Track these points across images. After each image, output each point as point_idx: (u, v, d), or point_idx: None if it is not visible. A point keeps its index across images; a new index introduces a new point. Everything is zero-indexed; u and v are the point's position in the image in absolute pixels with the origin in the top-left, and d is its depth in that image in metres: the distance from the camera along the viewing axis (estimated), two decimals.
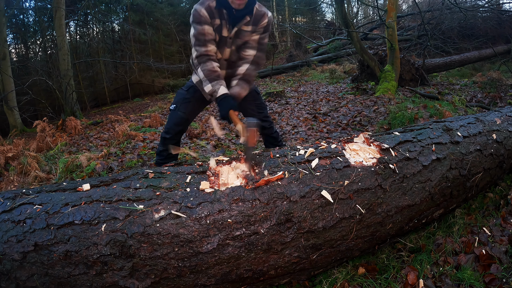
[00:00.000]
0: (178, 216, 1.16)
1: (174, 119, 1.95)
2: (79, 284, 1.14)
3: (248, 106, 2.06)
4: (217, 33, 1.79)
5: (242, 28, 1.81)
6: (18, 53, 14.02)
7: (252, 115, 2.07)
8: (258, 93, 2.11)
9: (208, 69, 1.73)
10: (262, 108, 2.11)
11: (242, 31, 1.82)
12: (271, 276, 1.30)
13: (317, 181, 1.29)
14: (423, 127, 1.75)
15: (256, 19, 1.82)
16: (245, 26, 1.81)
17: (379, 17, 8.04)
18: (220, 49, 1.85)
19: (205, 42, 1.74)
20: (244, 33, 1.83)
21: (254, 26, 1.83)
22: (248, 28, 1.82)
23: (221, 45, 1.84)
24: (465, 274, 1.36)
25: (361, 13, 19.46)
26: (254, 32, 1.85)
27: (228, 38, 1.82)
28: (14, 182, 3.06)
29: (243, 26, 1.81)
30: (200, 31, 1.74)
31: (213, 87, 1.71)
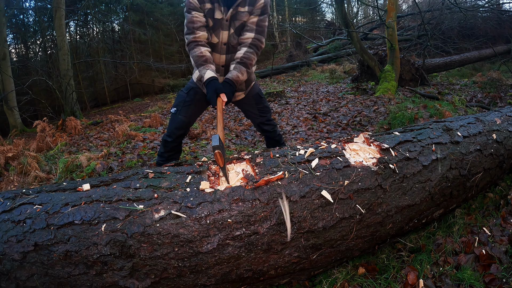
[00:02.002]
0: (178, 216, 1.16)
1: (175, 123, 1.94)
2: (79, 284, 1.14)
3: (250, 109, 2.05)
4: (209, 16, 1.79)
5: (238, 9, 1.79)
6: (18, 53, 14.02)
7: (253, 118, 2.08)
8: (261, 96, 2.08)
9: (196, 55, 1.74)
10: (265, 112, 2.09)
11: (238, 12, 1.79)
12: (271, 276, 1.30)
13: (317, 181, 1.29)
14: (423, 127, 1.75)
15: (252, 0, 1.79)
16: (241, 7, 1.79)
17: (379, 17, 8.04)
18: (215, 32, 1.83)
19: (193, 29, 1.75)
20: (241, 14, 1.80)
21: (250, 6, 1.79)
22: (244, 9, 1.79)
23: (216, 28, 1.82)
24: (465, 274, 1.36)
25: (361, 13, 19.46)
26: (252, 14, 1.81)
27: (224, 20, 1.80)
28: (14, 182, 3.06)
29: (239, 8, 1.78)
30: (189, 19, 1.76)
31: (200, 73, 1.71)
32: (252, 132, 4.20)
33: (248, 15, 1.81)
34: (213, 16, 1.79)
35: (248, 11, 1.80)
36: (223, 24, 1.81)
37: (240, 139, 3.93)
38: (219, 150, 1.24)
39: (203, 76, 1.69)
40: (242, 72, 1.80)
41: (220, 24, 1.81)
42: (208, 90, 1.67)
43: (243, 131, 4.31)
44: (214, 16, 1.79)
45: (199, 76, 1.72)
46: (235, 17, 1.81)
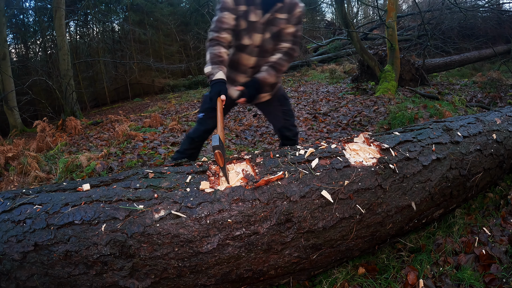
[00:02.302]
0: (178, 216, 1.16)
1: (205, 126, 1.97)
2: (79, 284, 1.14)
3: (274, 112, 2.03)
4: (244, 19, 1.79)
5: (276, 15, 1.80)
6: (18, 53, 14.01)
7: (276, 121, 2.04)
8: (286, 98, 2.07)
9: (214, 53, 1.74)
10: (289, 116, 2.06)
11: (276, 18, 1.81)
12: (271, 276, 1.30)
13: (317, 181, 1.29)
14: (423, 127, 1.75)
15: (290, 7, 1.81)
16: (279, 14, 1.80)
17: (379, 17, 8.04)
18: (248, 34, 1.84)
19: (220, 29, 1.76)
20: (279, 20, 1.81)
21: (288, 14, 1.81)
22: (282, 16, 1.81)
23: (250, 30, 1.83)
24: (465, 274, 1.36)
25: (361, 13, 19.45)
26: (289, 23, 1.83)
27: (259, 23, 1.80)
28: (14, 182, 3.06)
29: (276, 14, 1.80)
30: (219, 17, 1.77)
31: (212, 70, 1.70)
32: (252, 132, 4.20)
33: (285, 22, 1.83)
34: (248, 18, 1.80)
35: (286, 18, 1.82)
36: (257, 27, 1.82)
37: (240, 139, 3.93)
38: (219, 150, 1.24)
39: (213, 74, 1.69)
40: (271, 75, 1.83)
41: (254, 27, 1.82)
42: (212, 89, 1.67)
43: (243, 131, 4.31)
44: (249, 18, 1.80)
45: (209, 72, 1.72)
46: (272, 23, 1.82)
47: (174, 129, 4.59)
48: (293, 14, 1.83)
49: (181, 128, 4.62)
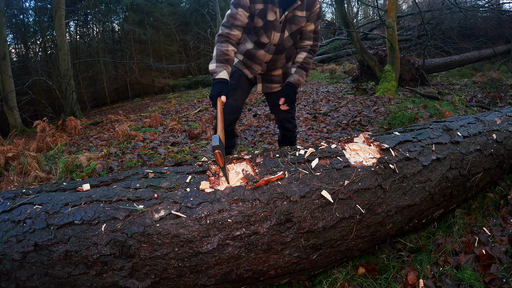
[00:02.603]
0: (178, 216, 1.16)
1: (227, 109, 1.93)
2: (79, 284, 1.14)
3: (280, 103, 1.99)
4: (260, 17, 1.77)
5: (295, 13, 1.78)
6: (18, 53, 14.01)
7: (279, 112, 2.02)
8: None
9: (221, 50, 1.72)
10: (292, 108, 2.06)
11: (296, 16, 1.79)
12: (271, 276, 1.30)
13: (317, 181, 1.29)
14: (423, 127, 1.75)
15: (309, 4, 1.78)
16: (298, 11, 1.78)
17: (379, 17, 8.04)
18: (266, 33, 1.82)
19: (231, 25, 1.74)
20: (299, 18, 1.80)
21: (307, 11, 1.79)
22: (302, 13, 1.79)
23: (268, 29, 1.81)
24: (465, 274, 1.36)
25: (361, 13, 19.44)
26: (309, 20, 1.82)
27: (278, 22, 1.78)
28: (14, 182, 3.06)
29: (296, 11, 1.77)
30: (233, 14, 1.74)
31: (216, 68, 1.69)
32: (252, 132, 4.20)
33: (305, 20, 1.82)
34: (265, 17, 1.77)
35: (305, 16, 1.80)
36: (276, 26, 1.80)
37: (240, 139, 3.93)
38: (219, 150, 1.24)
39: (217, 73, 1.68)
40: (302, 76, 1.88)
41: (273, 25, 1.80)
42: (213, 89, 1.66)
43: (243, 131, 4.31)
44: (266, 18, 1.77)
45: (213, 70, 1.71)
46: (292, 21, 1.80)
47: (174, 129, 4.59)
48: (313, 11, 1.81)
49: (181, 128, 4.63)
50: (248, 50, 1.94)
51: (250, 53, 1.95)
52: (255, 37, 1.88)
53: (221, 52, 1.72)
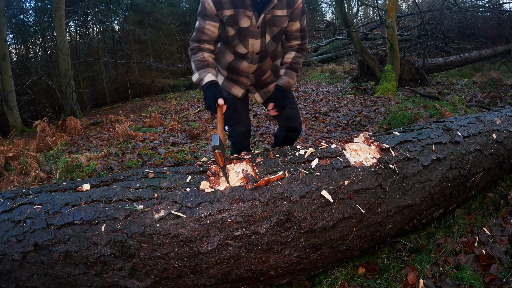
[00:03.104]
0: (178, 216, 1.16)
1: (238, 138, 1.88)
2: (79, 284, 1.14)
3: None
4: (230, 25, 1.56)
5: (274, 13, 1.56)
6: (18, 53, 14.01)
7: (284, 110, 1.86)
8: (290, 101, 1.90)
9: (198, 59, 1.57)
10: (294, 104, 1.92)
11: (276, 17, 1.57)
12: (271, 276, 1.30)
13: (317, 181, 1.29)
14: (423, 127, 1.75)
15: (289, 0, 1.57)
16: (278, 10, 1.56)
17: (379, 17, 8.04)
18: (242, 42, 1.62)
19: (200, 40, 1.58)
20: (280, 18, 1.58)
21: (289, 9, 1.58)
22: (282, 12, 1.57)
23: (243, 37, 1.60)
24: (465, 274, 1.36)
25: (361, 13, 19.45)
26: (292, 19, 1.62)
27: (255, 28, 1.57)
28: (14, 182, 3.06)
29: (274, 11, 1.56)
30: (200, 27, 1.56)
31: (200, 75, 1.53)
32: (252, 132, 4.20)
33: (287, 20, 1.61)
34: (236, 23, 1.56)
35: (287, 15, 1.60)
36: (253, 32, 1.59)
37: None
38: (219, 150, 1.24)
39: (203, 79, 1.52)
40: (293, 77, 1.74)
41: (249, 32, 1.59)
42: (207, 95, 1.48)
43: None
44: (239, 25, 1.56)
45: (198, 79, 1.55)
46: (272, 23, 1.59)
47: (174, 129, 4.59)
48: (295, 8, 1.60)
49: (181, 128, 4.62)
50: (230, 63, 1.76)
51: (232, 66, 1.76)
52: (231, 48, 1.70)
53: (199, 61, 1.57)
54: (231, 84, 1.85)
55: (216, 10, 1.52)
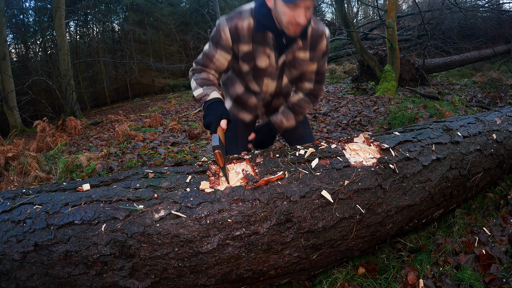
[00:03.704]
0: (178, 216, 1.16)
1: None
2: (79, 284, 1.14)
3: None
4: (246, 62, 1.43)
5: (296, 55, 1.44)
6: (18, 53, 14.01)
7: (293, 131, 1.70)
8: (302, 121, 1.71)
9: (202, 77, 1.42)
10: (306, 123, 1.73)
11: (296, 59, 1.45)
12: (271, 276, 1.30)
13: (317, 181, 1.29)
14: (423, 127, 1.75)
15: (313, 42, 1.44)
16: (300, 52, 1.44)
17: (379, 17, 8.04)
18: (256, 80, 1.49)
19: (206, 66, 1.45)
20: (301, 61, 1.46)
21: (312, 51, 1.46)
22: (304, 55, 1.45)
23: (258, 76, 1.48)
24: (465, 274, 1.36)
25: (361, 13, 19.45)
26: (311, 60, 1.48)
27: (273, 69, 1.46)
28: (14, 182, 3.06)
29: (296, 53, 1.44)
30: (209, 54, 1.42)
31: (204, 90, 1.37)
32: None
33: (309, 62, 1.48)
34: (253, 61, 1.44)
35: (309, 58, 1.47)
36: (270, 73, 1.47)
37: None
38: (219, 150, 1.24)
39: (208, 95, 1.36)
40: (288, 119, 1.56)
41: (265, 72, 1.47)
42: (210, 112, 1.32)
43: None
44: (256, 64, 1.44)
45: (202, 94, 1.37)
46: (292, 65, 1.47)
47: (174, 129, 4.59)
48: (318, 50, 1.47)
49: (181, 128, 4.62)
50: (238, 95, 1.61)
51: (240, 99, 1.62)
52: (243, 82, 1.56)
53: (203, 79, 1.41)
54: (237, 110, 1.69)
55: (232, 43, 1.39)
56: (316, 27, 1.44)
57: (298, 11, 1.25)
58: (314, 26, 1.43)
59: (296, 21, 1.27)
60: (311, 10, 1.30)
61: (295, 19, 1.26)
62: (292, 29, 1.30)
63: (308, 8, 1.27)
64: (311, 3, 1.26)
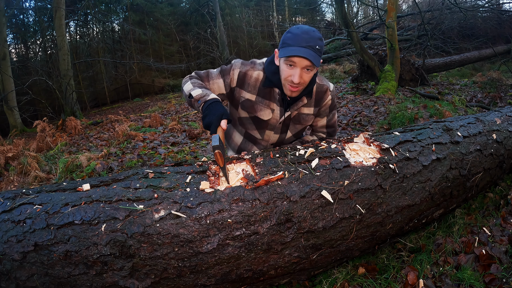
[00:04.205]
0: (178, 216, 1.16)
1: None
2: (79, 284, 1.14)
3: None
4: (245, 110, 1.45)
5: (301, 111, 1.48)
6: (18, 53, 14.02)
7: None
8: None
9: (199, 83, 1.43)
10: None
11: (301, 115, 1.49)
12: (271, 276, 1.30)
13: (317, 181, 1.29)
14: (423, 127, 1.75)
15: (318, 98, 1.48)
16: (305, 108, 1.48)
17: (379, 17, 8.04)
18: (259, 130, 1.51)
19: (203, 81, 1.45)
20: (305, 117, 1.51)
21: (316, 107, 1.50)
22: (309, 111, 1.50)
23: (260, 127, 1.50)
24: (465, 274, 1.36)
25: (361, 13, 19.46)
26: (319, 116, 1.53)
27: (277, 123, 1.49)
28: (14, 182, 3.06)
29: (301, 109, 1.48)
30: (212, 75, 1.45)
31: (203, 92, 1.36)
32: None
33: (313, 118, 1.53)
34: (254, 112, 1.46)
35: (313, 113, 1.51)
36: (273, 126, 1.50)
37: None
38: (219, 150, 1.24)
39: (208, 95, 1.34)
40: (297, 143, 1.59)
41: (267, 125, 1.49)
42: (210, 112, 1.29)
43: None
44: (256, 114, 1.46)
45: (200, 94, 1.35)
46: (297, 120, 1.52)
47: (174, 129, 4.59)
48: (323, 105, 1.51)
49: (181, 128, 4.63)
50: (239, 146, 1.63)
51: (242, 150, 1.63)
52: (242, 129, 1.57)
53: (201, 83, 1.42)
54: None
55: (236, 85, 1.44)
56: (321, 83, 1.48)
57: (295, 70, 1.29)
58: (319, 82, 1.48)
59: (291, 80, 1.30)
60: (310, 72, 1.32)
61: (290, 78, 1.30)
62: (288, 87, 1.34)
63: (305, 69, 1.30)
64: (309, 64, 1.28)
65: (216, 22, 13.45)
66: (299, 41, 1.25)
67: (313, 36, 1.27)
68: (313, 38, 1.26)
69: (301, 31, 1.28)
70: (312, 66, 1.29)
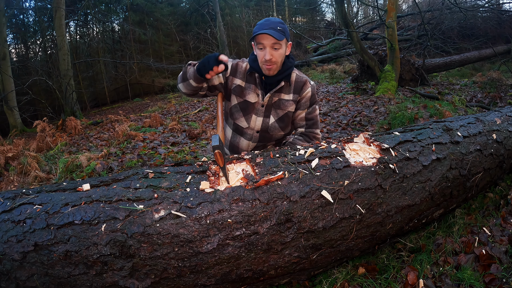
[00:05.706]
0: (178, 216, 1.16)
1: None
2: (79, 284, 1.14)
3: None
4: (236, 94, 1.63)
5: (281, 97, 1.63)
6: (18, 53, 14.02)
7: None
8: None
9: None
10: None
11: (281, 100, 1.63)
12: (271, 276, 1.30)
13: (317, 181, 1.29)
14: (423, 127, 1.75)
15: (297, 87, 1.64)
16: (284, 94, 1.63)
17: (379, 17, 8.05)
18: (245, 115, 1.65)
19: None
20: (285, 102, 1.64)
21: (295, 94, 1.64)
22: (288, 97, 1.63)
23: (246, 111, 1.64)
24: (465, 274, 1.36)
25: (361, 13, 19.46)
26: (299, 107, 1.66)
27: (259, 105, 1.64)
28: (14, 182, 3.06)
29: (282, 95, 1.63)
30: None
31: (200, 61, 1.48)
32: None
33: (293, 104, 1.65)
34: (243, 95, 1.63)
35: (293, 99, 1.64)
36: (256, 109, 1.64)
37: None
38: (219, 150, 1.24)
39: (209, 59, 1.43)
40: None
41: (253, 108, 1.64)
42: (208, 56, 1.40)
43: None
44: (245, 98, 1.63)
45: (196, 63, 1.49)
46: (277, 106, 1.64)
47: (174, 129, 4.59)
48: (302, 96, 1.65)
49: (181, 128, 4.63)
50: (230, 141, 1.75)
51: (233, 145, 1.75)
52: (231, 122, 1.70)
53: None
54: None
55: (229, 74, 1.64)
56: (301, 75, 1.68)
57: (265, 51, 1.49)
58: (298, 73, 1.68)
59: (265, 59, 1.49)
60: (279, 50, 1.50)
61: (264, 58, 1.49)
62: (265, 67, 1.53)
63: (273, 48, 1.48)
64: (274, 41, 1.46)
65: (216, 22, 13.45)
66: (262, 26, 1.48)
67: (274, 21, 1.50)
68: (273, 22, 1.49)
69: (264, 20, 1.51)
70: (278, 43, 1.47)
